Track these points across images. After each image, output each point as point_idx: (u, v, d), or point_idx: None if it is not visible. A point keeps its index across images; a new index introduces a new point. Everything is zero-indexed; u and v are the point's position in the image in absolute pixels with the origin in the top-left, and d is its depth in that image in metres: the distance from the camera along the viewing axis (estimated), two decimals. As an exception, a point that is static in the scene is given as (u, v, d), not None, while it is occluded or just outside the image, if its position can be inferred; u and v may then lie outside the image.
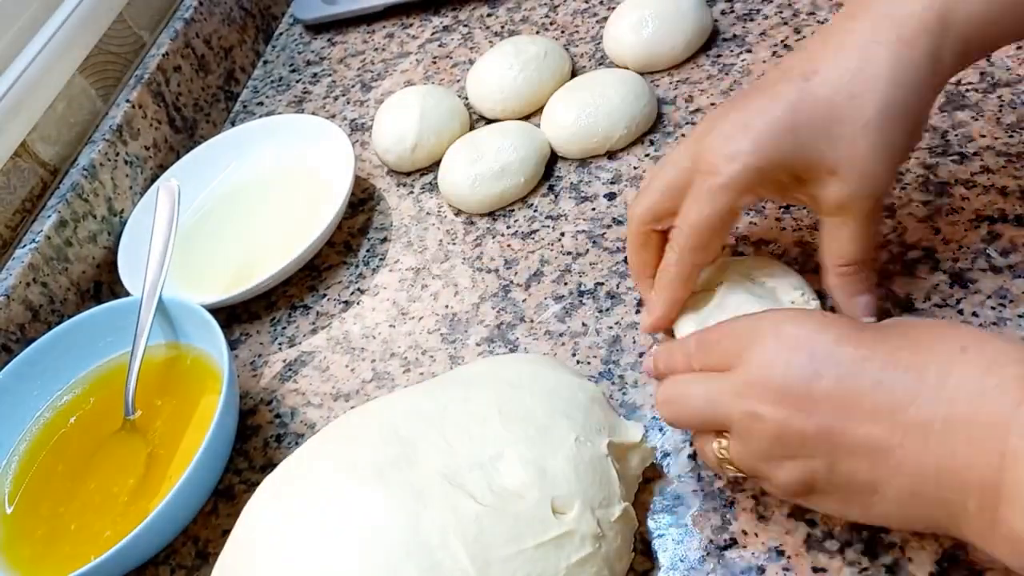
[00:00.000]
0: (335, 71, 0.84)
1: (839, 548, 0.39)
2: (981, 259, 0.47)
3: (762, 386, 0.35)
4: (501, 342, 0.55)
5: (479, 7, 0.83)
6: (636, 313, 0.53)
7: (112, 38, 0.77)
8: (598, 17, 0.75)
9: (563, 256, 0.58)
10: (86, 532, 0.51)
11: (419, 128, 0.67)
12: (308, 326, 0.61)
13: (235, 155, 0.74)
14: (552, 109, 0.64)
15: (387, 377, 0.56)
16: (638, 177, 0.61)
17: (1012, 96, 0.54)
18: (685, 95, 0.65)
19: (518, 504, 0.39)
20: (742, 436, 0.36)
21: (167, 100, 0.78)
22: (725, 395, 0.36)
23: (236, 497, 0.53)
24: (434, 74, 0.78)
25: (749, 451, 0.36)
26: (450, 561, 0.37)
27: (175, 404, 0.55)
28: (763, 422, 0.35)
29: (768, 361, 0.35)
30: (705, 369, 0.39)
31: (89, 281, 0.66)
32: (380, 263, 0.64)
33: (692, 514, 0.43)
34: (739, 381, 0.36)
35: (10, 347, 0.59)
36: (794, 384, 0.34)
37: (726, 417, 0.36)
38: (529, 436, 0.41)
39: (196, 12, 0.83)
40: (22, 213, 0.66)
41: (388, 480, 0.40)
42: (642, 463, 0.44)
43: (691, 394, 0.38)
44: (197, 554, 0.51)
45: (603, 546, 0.39)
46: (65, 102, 0.71)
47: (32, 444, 0.56)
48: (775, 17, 0.67)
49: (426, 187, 0.68)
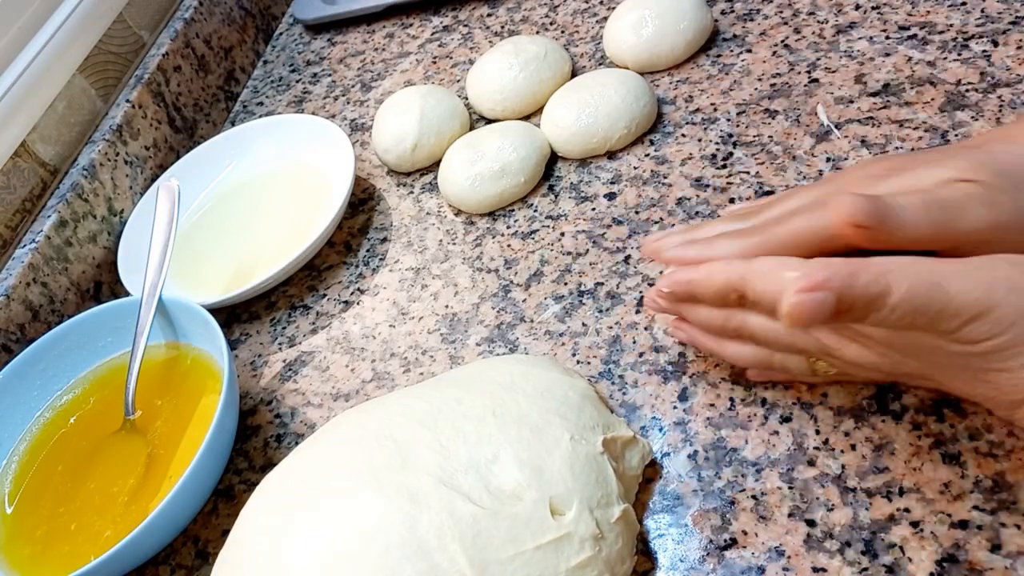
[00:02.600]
0: (335, 71, 0.84)
1: (839, 548, 0.39)
2: (981, 259, 0.47)
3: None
4: (501, 342, 0.55)
5: (479, 7, 0.83)
6: (636, 313, 0.53)
7: (112, 38, 0.77)
8: (598, 17, 0.75)
9: (563, 256, 0.58)
10: (86, 532, 0.51)
11: (419, 128, 0.67)
12: (308, 326, 0.61)
13: (235, 155, 0.74)
14: (552, 109, 0.64)
15: (387, 377, 0.56)
16: (638, 177, 0.61)
17: (1012, 96, 0.54)
18: (685, 95, 0.65)
19: (516, 505, 0.39)
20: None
21: (167, 100, 0.78)
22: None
23: (236, 497, 0.53)
24: (434, 74, 0.78)
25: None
26: (448, 563, 0.37)
27: (175, 404, 0.55)
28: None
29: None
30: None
31: (89, 281, 0.66)
32: (380, 263, 0.64)
33: (692, 514, 0.43)
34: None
35: (10, 347, 0.59)
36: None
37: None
38: (524, 437, 0.41)
39: (196, 12, 0.83)
40: (22, 213, 0.66)
41: (385, 482, 0.40)
42: (642, 462, 0.44)
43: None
44: (197, 554, 0.51)
45: (603, 549, 0.39)
46: (65, 102, 0.71)
47: (32, 444, 0.56)
48: (775, 17, 0.67)
49: (426, 187, 0.68)
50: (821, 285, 0.33)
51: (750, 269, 0.38)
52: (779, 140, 0.58)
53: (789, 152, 0.57)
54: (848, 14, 0.65)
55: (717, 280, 0.40)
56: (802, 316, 0.33)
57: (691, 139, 0.61)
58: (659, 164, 0.61)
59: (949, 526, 0.39)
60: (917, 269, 0.33)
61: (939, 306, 0.33)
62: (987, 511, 0.39)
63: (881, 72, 0.59)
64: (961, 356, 0.35)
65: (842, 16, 0.65)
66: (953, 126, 0.54)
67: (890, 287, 0.33)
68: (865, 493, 0.41)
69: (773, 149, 0.58)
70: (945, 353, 0.35)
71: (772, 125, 0.59)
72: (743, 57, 0.65)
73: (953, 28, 0.60)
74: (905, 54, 0.60)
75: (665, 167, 0.60)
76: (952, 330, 0.33)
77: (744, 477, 0.43)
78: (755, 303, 0.38)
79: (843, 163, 0.55)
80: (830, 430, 0.43)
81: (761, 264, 0.38)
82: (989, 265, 0.33)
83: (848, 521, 0.40)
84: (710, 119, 0.62)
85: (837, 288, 0.33)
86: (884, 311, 0.33)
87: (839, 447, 0.43)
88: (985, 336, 0.33)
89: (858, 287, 0.33)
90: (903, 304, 0.33)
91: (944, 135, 0.54)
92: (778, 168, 0.56)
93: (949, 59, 0.58)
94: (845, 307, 0.33)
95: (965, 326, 0.33)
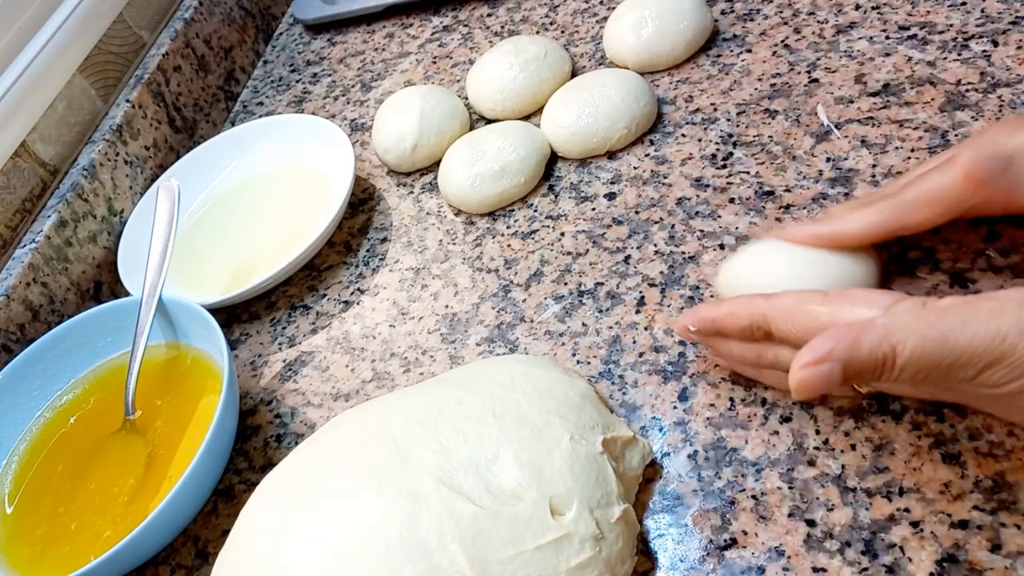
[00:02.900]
0: (335, 71, 0.84)
1: (839, 548, 0.39)
2: (981, 259, 0.47)
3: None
4: (501, 342, 0.55)
5: (479, 7, 0.83)
6: (636, 313, 0.53)
7: (112, 38, 0.77)
8: (598, 17, 0.75)
9: (563, 256, 0.58)
10: (86, 532, 0.51)
11: (419, 128, 0.67)
12: (308, 326, 0.61)
13: (235, 155, 0.74)
14: (552, 109, 0.64)
15: (387, 377, 0.56)
16: (638, 177, 0.61)
17: (1012, 96, 0.54)
18: (685, 95, 0.65)
19: (516, 506, 0.39)
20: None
21: (167, 100, 0.78)
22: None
23: (236, 497, 0.53)
24: (434, 74, 0.78)
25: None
26: (448, 563, 0.37)
27: (175, 404, 0.55)
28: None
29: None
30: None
31: (89, 281, 0.66)
32: (380, 263, 0.64)
33: (692, 514, 0.43)
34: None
35: (10, 347, 0.59)
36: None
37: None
38: (524, 437, 0.41)
39: (196, 12, 0.83)
40: (22, 213, 0.66)
41: (385, 482, 0.40)
42: (642, 462, 0.44)
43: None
44: (197, 554, 0.51)
45: (603, 549, 0.39)
46: (65, 102, 0.71)
47: (32, 444, 0.56)
48: (775, 17, 0.67)
49: (426, 187, 0.68)
50: (825, 357, 0.33)
51: (772, 308, 0.37)
52: (779, 140, 0.58)
53: (789, 152, 0.57)
54: (848, 14, 0.65)
55: (741, 319, 0.40)
56: (809, 390, 0.33)
57: (691, 139, 0.61)
58: (659, 164, 0.61)
59: (949, 526, 0.39)
60: (922, 325, 0.33)
61: (949, 361, 0.33)
62: (987, 511, 0.39)
63: (881, 72, 0.59)
64: (989, 396, 0.34)
65: (842, 16, 0.65)
66: (953, 126, 0.54)
67: (895, 349, 0.33)
68: (865, 493, 0.41)
69: (773, 149, 0.58)
70: (973, 393, 0.35)
71: (772, 125, 0.59)
72: (743, 57, 0.65)
73: (953, 28, 0.60)
74: (905, 54, 0.60)
75: (665, 167, 0.60)
76: (970, 378, 0.33)
77: (744, 477, 0.43)
78: (783, 340, 0.38)
79: (843, 163, 0.55)
80: (830, 430, 0.43)
81: (782, 302, 0.37)
82: (998, 309, 0.33)
83: (848, 521, 0.40)
84: (710, 119, 0.62)
85: (841, 358, 0.33)
86: (893, 372, 0.33)
87: (839, 447, 0.43)
88: (1005, 380, 0.33)
89: (863, 354, 0.33)
90: (911, 364, 0.33)
91: (944, 135, 0.54)
92: (778, 168, 0.56)
93: (949, 59, 0.58)
94: (853, 374, 0.33)
95: (981, 374, 0.33)
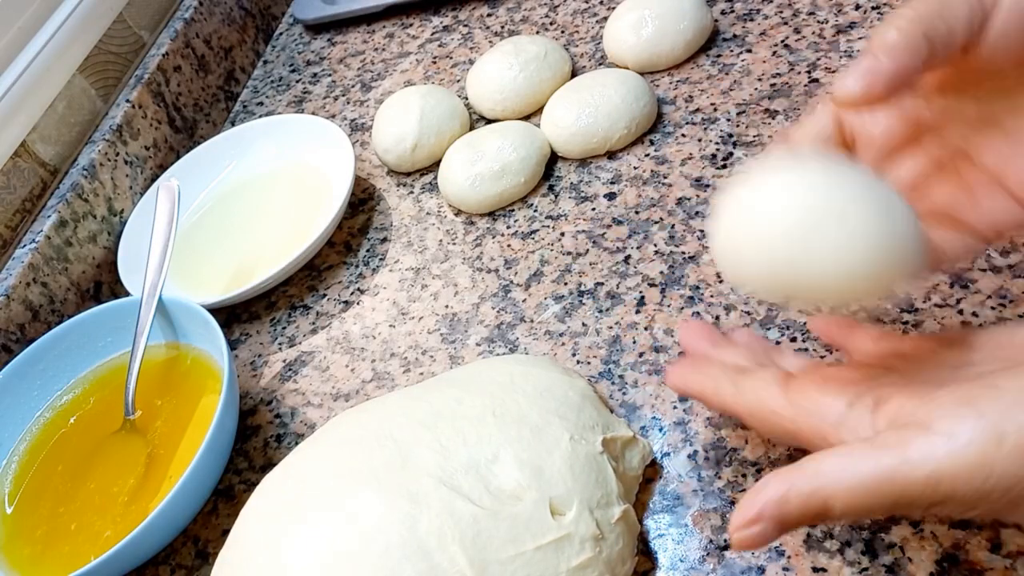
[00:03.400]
0: (335, 71, 0.84)
1: (839, 548, 0.39)
2: (981, 259, 0.47)
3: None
4: (501, 342, 0.55)
5: (479, 7, 0.83)
6: (636, 313, 0.53)
7: (112, 38, 0.77)
8: (598, 17, 0.75)
9: (563, 256, 0.58)
10: (86, 532, 0.51)
11: (419, 128, 0.67)
12: (308, 326, 0.61)
13: (235, 155, 0.74)
14: (552, 109, 0.64)
15: (387, 377, 0.56)
16: (638, 177, 0.61)
17: (1012, 96, 0.54)
18: (685, 95, 0.65)
19: (516, 506, 0.39)
20: None
21: (167, 100, 0.78)
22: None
23: (236, 497, 0.53)
24: (434, 74, 0.78)
25: None
26: (448, 564, 0.37)
27: (175, 404, 0.55)
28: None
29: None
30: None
31: (89, 281, 0.66)
32: (380, 263, 0.64)
33: (692, 514, 0.43)
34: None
35: (10, 347, 0.59)
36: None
37: None
38: (523, 437, 0.41)
39: (196, 12, 0.83)
40: (22, 213, 0.66)
41: (385, 483, 0.40)
42: (642, 462, 0.44)
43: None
44: (197, 554, 0.51)
45: (603, 550, 0.39)
46: (65, 102, 0.71)
47: (32, 444, 0.56)
48: (775, 17, 0.67)
49: (426, 187, 0.68)
50: (755, 519, 0.31)
51: (738, 404, 0.36)
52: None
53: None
54: (848, 14, 0.65)
55: (712, 404, 0.39)
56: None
57: (691, 139, 0.61)
58: (659, 164, 0.61)
59: (949, 526, 0.39)
60: (858, 467, 0.29)
61: (891, 501, 0.29)
62: (987, 511, 0.39)
63: (881, 72, 0.59)
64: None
65: (842, 16, 0.65)
66: (953, 126, 0.54)
67: (827, 502, 0.30)
68: (865, 493, 0.41)
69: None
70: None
71: (772, 125, 0.59)
72: (743, 57, 0.65)
73: (953, 28, 0.60)
74: (905, 54, 0.60)
75: (665, 167, 0.60)
76: (925, 511, 0.30)
77: (744, 477, 0.43)
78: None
79: (843, 163, 0.55)
80: (830, 430, 0.43)
81: (746, 398, 0.36)
82: (928, 443, 0.29)
83: (847, 521, 0.40)
84: (710, 119, 0.62)
85: (772, 518, 0.31)
86: (834, 518, 0.31)
87: (839, 447, 0.43)
88: (960, 512, 0.29)
89: (793, 512, 0.30)
90: (849, 512, 0.30)
91: (944, 135, 0.54)
92: (778, 168, 0.56)
93: (949, 59, 0.58)
94: (790, 526, 0.31)
95: (931, 509, 0.29)
